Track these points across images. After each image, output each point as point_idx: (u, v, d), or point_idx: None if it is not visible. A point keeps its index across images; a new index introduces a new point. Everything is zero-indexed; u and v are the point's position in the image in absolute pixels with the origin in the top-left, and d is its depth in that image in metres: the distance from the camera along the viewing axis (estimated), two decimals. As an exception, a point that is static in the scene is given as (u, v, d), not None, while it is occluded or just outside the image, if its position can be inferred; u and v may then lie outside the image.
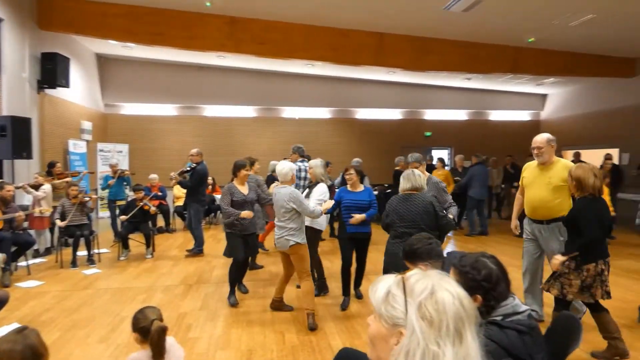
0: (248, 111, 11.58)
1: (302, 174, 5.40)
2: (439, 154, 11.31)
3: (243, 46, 7.69)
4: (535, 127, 13.12)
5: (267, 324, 3.80)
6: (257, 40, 7.66)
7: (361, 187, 4.25)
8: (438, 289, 0.84)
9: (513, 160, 9.85)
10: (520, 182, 3.90)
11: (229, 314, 4.06)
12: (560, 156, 10.82)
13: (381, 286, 0.91)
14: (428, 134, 12.45)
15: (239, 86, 11.19)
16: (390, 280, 0.91)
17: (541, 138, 3.58)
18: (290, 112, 11.76)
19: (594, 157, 9.56)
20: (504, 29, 7.68)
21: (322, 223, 4.55)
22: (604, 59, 9.32)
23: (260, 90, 11.34)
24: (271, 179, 6.25)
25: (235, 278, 4.41)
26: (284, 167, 3.84)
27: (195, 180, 6.28)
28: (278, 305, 4.08)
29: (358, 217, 4.01)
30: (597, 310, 3.03)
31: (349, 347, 2.45)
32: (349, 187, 4.22)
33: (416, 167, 4.19)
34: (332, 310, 4.09)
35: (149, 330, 1.96)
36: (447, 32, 7.90)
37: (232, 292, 4.33)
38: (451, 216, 3.73)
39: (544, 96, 13.02)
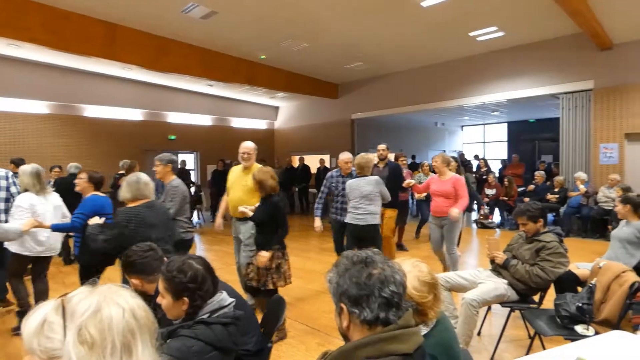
0: None
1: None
2: (186, 158, 11.16)
3: None
4: (270, 135, 14.88)
5: None
6: None
7: None
8: (105, 306, 0.78)
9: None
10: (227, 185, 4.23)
11: None
12: (290, 161, 12.55)
13: (35, 317, 0.76)
14: (172, 137, 12.10)
15: None
16: (49, 306, 0.78)
17: (249, 145, 4.10)
18: (-13, 103, 9.05)
19: (314, 161, 11.66)
20: (240, 43, 8.31)
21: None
22: (317, 82, 11.51)
23: None
24: None
25: None
26: None
27: None
28: None
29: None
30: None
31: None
32: None
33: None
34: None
35: None
36: (187, 36, 7.87)
37: None
38: None
39: (276, 108, 14.89)
